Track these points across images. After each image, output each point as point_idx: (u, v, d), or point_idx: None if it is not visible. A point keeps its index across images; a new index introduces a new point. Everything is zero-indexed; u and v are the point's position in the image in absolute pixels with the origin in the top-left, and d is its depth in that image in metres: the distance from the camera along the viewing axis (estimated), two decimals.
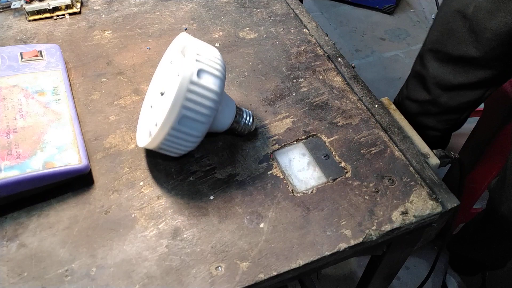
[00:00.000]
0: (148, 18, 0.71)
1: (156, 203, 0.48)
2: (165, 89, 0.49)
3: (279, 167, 0.52)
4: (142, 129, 0.51)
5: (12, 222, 0.46)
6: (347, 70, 0.64)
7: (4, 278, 0.42)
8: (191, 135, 0.45)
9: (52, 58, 0.59)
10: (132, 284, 0.42)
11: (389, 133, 0.56)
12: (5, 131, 0.48)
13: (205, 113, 0.44)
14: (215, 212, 0.48)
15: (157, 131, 0.44)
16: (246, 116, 0.53)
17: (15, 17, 0.70)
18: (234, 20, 0.72)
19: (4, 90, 0.53)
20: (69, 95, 0.54)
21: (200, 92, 0.43)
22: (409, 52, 1.87)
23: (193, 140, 0.46)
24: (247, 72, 0.63)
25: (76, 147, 0.49)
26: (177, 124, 0.43)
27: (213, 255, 0.44)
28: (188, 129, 0.44)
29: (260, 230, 0.46)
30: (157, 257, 0.44)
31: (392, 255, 0.57)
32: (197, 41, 0.47)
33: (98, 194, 0.49)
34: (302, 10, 0.74)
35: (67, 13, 0.71)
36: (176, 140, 0.45)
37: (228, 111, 0.50)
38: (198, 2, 0.75)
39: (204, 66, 0.44)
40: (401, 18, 2.06)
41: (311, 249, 0.45)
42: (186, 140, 0.45)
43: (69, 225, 0.46)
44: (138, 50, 0.66)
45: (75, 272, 0.42)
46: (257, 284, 0.43)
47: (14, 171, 0.45)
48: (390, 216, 0.48)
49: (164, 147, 0.46)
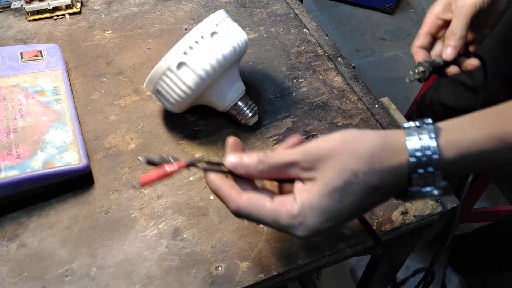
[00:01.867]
0: (148, 18, 0.71)
1: (156, 203, 0.48)
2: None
3: None
4: None
5: (12, 222, 0.46)
6: (347, 70, 0.64)
7: (4, 278, 0.42)
8: (185, 84, 0.48)
9: (52, 58, 0.59)
10: (132, 284, 0.42)
11: None
12: (5, 131, 0.48)
13: (205, 69, 0.48)
14: (215, 212, 0.48)
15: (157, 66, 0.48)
16: (248, 106, 0.54)
17: (15, 17, 0.70)
18: (234, 20, 0.72)
19: (4, 90, 0.53)
20: (69, 95, 0.54)
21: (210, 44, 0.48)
22: (409, 52, 1.86)
23: (185, 91, 0.48)
24: (247, 72, 0.63)
25: (76, 147, 0.49)
26: (175, 67, 0.47)
27: (213, 255, 0.44)
28: (183, 76, 0.48)
29: (260, 230, 0.46)
30: (157, 257, 0.44)
31: (392, 255, 0.57)
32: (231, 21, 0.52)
33: (98, 194, 0.49)
34: (302, 10, 0.74)
35: (67, 13, 0.71)
36: (170, 84, 0.48)
37: (233, 91, 0.52)
38: (198, 2, 0.75)
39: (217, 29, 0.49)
40: (401, 18, 2.06)
41: (311, 249, 0.45)
42: (180, 88, 0.48)
43: (69, 225, 0.46)
44: (138, 50, 0.66)
45: (75, 272, 0.42)
46: (257, 284, 0.43)
47: (14, 171, 0.45)
48: (390, 216, 0.48)
49: (159, 88, 0.49)
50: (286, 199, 0.34)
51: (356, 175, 0.33)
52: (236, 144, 0.38)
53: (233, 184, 0.36)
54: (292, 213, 0.33)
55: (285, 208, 0.34)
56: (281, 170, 0.35)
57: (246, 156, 0.36)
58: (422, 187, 0.34)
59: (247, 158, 0.36)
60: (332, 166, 0.33)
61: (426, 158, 0.32)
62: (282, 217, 0.34)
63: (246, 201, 0.35)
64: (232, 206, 0.35)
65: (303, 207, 0.33)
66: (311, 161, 0.34)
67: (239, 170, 0.36)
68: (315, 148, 0.34)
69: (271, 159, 0.35)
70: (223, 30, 0.50)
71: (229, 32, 0.50)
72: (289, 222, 0.34)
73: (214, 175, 0.37)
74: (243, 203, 0.35)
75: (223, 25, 0.50)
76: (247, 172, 0.36)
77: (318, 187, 0.33)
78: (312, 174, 0.34)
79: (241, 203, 0.35)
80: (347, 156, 0.33)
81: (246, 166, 0.36)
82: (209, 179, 0.37)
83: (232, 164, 0.36)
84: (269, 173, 0.36)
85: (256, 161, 0.35)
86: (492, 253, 1.04)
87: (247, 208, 0.35)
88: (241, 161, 0.36)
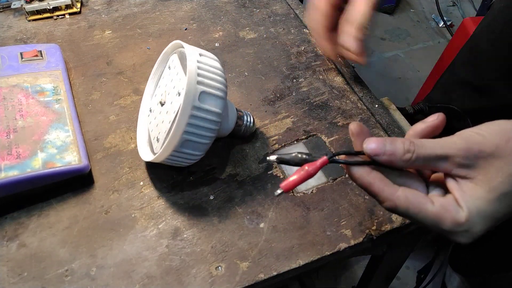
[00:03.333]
0: (148, 18, 0.71)
1: (156, 203, 0.48)
2: (165, 99, 0.48)
3: (279, 167, 0.52)
4: (143, 135, 0.51)
5: (12, 222, 0.46)
6: (347, 70, 0.64)
7: (4, 278, 0.42)
8: (194, 155, 0.45)
9: (52, 58, 0.59)
10: (132, 284, 0.42)
11: (389, 133, 0.56)
12: (5, 131, 0.48)
13: (208, 135, 0.44)
14: (215, 212, 0.48)
15: (160, 152, 0.44)
16: (247, 118, 0.52)
17: (15, 17, 0.70)
18: (234, 20, 0.72)
19: (4, 90, 0.53)
20: (69, 95, 0.54)
21: (202, 116, 0.42)
22: (409, 52, 1.87)
23: (196, 157, 0.46)
24: (247, 72, 0.63)
25: (76, 147, 0.49)
26: (179, 147, 0.43)
27: (213, 255, 0.44)
28: (190, 150, 0.44)
29: (260, 230, 0.46)
30: (157, 257, 0.44)
31: (392, 255, 0.57)
32: (196, 54, 0.45)
33: (98, 194, 0.49)
34: (302, 10, 0.74)
35: (67, 13, 0.71)
36: (179, 158, 0.45)
37: (230, 117, 0.50)
38: (198, 2, 0.75)
39: (206, 88, 0.43)
40: (401, 18, 2.06)
41: (311, 249, 0.45)
42: (189, 158, 0.45)
43: (69, 225, 0.46)
44: (138, 50, 0.66)
45: (75, 272, 0.42)
46: (257, 284, 0.43)
47: (14, 171, 0.45)
48: (390, 216, 0.48)
49: (167, 162, 0.46)
50: (449, 204, 0.32)
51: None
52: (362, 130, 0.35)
53: (383, 178, 0.34)
54: (459, 221, 0.32)
55: (450, 214, 0.32)
56: (431, 162, 0.33)
57: (389, 143, 0.33)
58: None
59: (391, 145, 0.33)
60: (499, 168, 0.31)
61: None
62: (446, 223, 0.32)
63: (404, 200, 0.33)
64: (388, 204, 0.33)
65: (470, 215, 0.31)
66: (471, 159, 0.32)
67: (382, 157, 0.33)
68: (476, 145, 0.32)
69: (420, 149, 0.33)
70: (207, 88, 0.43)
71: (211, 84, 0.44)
72: (452, 228, 0.32)
73: (361, 170, 0.34)
74: (402, 203, 0.33)
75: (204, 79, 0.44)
76: (389, 161, 0.33)
77: (485, 192, 0.31)
78: (470, 173, 0.32)
79: (399, 203, 0.33)
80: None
81: (391, 153, 0.33)
82: (357, 175, 0.34)
83: (374, 151, 0.33)
84: (415, 164, 0.33)
85: (402, 150, 0.33)
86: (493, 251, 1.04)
87: (406, 208, 0.33)
88: (384, 147, 0.33)
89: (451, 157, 0.32)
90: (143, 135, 0.51)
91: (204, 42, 0.67)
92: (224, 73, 0.46)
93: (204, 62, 0.44)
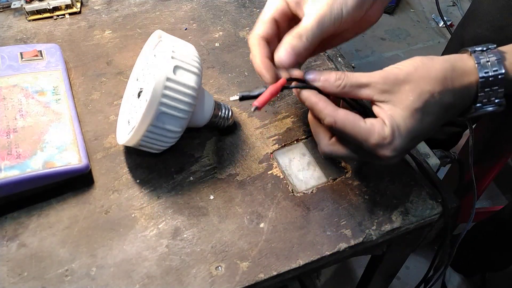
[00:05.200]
0: (148, 18, 0.71)
1: (156, 203, 0.48)
2: (143, 87, 0.49)
3: (279, 167, 0.52)
4: (122, 126, 0.52)
5: (12, 222, 0.46)
6: (347, 70, 0.64)
7: (4, 278, 0.42)
8: (170, 131, 0.46)
9: (52, 58, 0.59)
10: (132, 284, 0.42)
11: None
12: (5, 131, 0.48)
13: (183, 109, 0.45)
14: (215, 212, 0.48)
15: (136, 128, 0.44)
16: (224, 110, 0.53)
17: (15, 17, 0.70)
18: (234, 20, 0.72)
19: (4, 90, 0.53)
20: (69, 95, 0.54)
21: (176, 88, 0.44)
22: (409, 52, 1.87)
23: (172, 136, 0.46)
24: (247, 72, 0.63)
25: (76, 147, 0.49)
26: (155, 120, 0.44)
27: (213, 255, 0.44)
28: (166, 125, 0.45)
29: (260, 230, 0.46)
30: (157, 257, 0.44)
31: (392, 255, 0.57)
32: (172, 38, 0.48)
33: (98, 194, 0.49)
34: None
35: (67, 13, 0.71)
36: (155, 136, 0.45)
37: (207, 106, 0.51)
38: (198, 2, 0.75)
39: (179, 63, 0.45)
40: (401, 18, 2.06)
41: (311, 249, 0.45)
42: (165, 136, 0.46)
43: (69, 225, 0.46)
44: (138, 50, 0.65)
45: (75, 272, 0.42)
46: (257, 284, 0.43)
47: (14, 171, 0.45)
48: (390, 216, 0.48)
49: (144, 144, 0.46)
50: (377, 122, 0.38)
51: (432, 95, 0.37)
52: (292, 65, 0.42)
53: (327, 99, 0.40)
54: (383, 135, 0.37)
55: (377, 129, 0.38)
56: (356, 90, 0.39)
57: (325, 73, 0.40)
58: (483, 104, 0.39)
59: (326, 74, 0.40)
60: (410, 90, 0.38)
61: (493, 78, 0.38)
62: (374, 137, 0.38)
63: (343, 116, 0.38)
64: (328, 120, 0.39)
65: (392, 130, 0.37)
66: (389, 85, 0.38)
67: (318, 83, 0.40)
68: (392, 74, 0.39)
69: (348, 78, 0.39)
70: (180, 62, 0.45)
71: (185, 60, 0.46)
72: (379, 141, 0.38)
73: (309, 92, 0.40)
74: (341, 118, 0.38)
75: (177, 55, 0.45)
76: (323, 86, 0.40)
77: (400, 110, 0.38)
78: (388, 97, 0.38)
79: (338, 118, 0.38)
80: (422, 80, 0.38)
81: (325, 80, 0.40)
82: (305, 96, 0.40)
83: (312, 78, 0.40)
84: (344, 91, 0.40)
85: (334, 77, 0.40)
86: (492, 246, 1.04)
87: (344, 123, 0.38)
88: (320, 75, 0.40)
89: (372, 84, 0.39)
90: (122, 126, 0.52)
91: (204, 42, 0.67)
92: (199, 58, 0.48)
93: (178, 44, 0.47)
